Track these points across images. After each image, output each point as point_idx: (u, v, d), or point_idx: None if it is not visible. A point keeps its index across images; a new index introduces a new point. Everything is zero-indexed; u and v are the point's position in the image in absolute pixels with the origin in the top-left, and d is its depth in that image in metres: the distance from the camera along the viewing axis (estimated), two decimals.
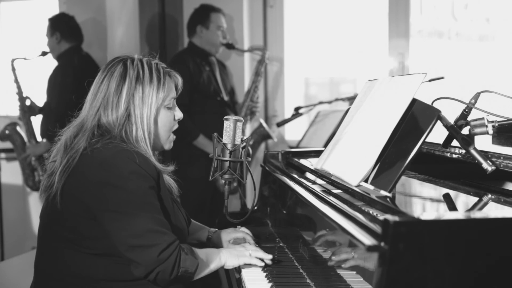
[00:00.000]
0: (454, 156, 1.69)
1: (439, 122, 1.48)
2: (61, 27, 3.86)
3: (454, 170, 1.81)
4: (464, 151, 1.62)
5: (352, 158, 1.61)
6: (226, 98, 3.76)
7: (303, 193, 1.76)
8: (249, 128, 4.01)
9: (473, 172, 1.60)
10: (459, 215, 1.26)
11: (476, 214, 1.26)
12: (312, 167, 2.01)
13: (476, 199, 1.55)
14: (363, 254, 1.24)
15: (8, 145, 4.04)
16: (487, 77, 3.83)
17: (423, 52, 3.92)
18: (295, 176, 2.00)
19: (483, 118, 1.54)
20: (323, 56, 4.26)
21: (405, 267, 1.10)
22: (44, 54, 3.92)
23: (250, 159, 1.86)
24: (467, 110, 1.57)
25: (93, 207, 1.58)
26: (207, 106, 3.66)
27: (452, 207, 1.54)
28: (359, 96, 1.81)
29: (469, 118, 1.57)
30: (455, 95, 1.59)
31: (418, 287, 1.12)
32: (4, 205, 4.25)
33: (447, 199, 1.61)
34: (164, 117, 1.74)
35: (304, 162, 2.20)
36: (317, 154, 2.16)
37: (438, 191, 1.72)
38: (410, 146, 1.45)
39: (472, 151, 1.46)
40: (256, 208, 2.36)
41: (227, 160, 1.78)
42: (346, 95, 3.59)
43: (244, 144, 1.81)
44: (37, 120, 4.00)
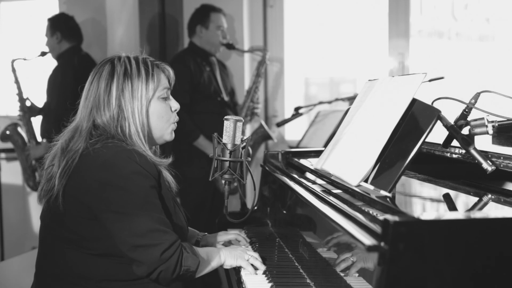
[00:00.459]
0: (454, 156, 1.69)
1: (439, 122, 1.48)
2: (61, 27, 3.85)
3: (454, 170, 1.80)
4: (464, 151, 1.62)
5: (352, 158, 1.61)
6: (226, 98, 3.76)
7: (303, 193, 1.76)
8: (249, 129, 4.01)
9: (473, 172, 1.60)
10: (459, 215, 1.25)
11: (476, 214, 1.26)
12: (312, 167, 2.01)
13: (476, 199, 1.55)
14: (363, 254, 1.24)
15: (9, 145, 4.04)
16: (487, 77, 3.83)
17: (423, 52, 3.92)
18: (295, 176, 2.00)
19: (483, 118, 1.54)
20: (323, 56, 4.26)
21: (405, 267, 1.10)
22: (43, 54, 3.91)
23: (250, 159, 1.86)
24: (467, 110, 1.57)
25: (94, 207, 1.58)
26: (208, 106, 3.65)
27: (452, 207, 1.53)
28: (359, 96, 1.81)
29: (469, 118, 1.56)
30: (455, 95, 1.59)
31: (418, 287, 1.12)
32: (4, 205, 4.25)
33: (447, 199, 1.60)
34: (160, 108, 1.73)
35: (304, 162, 2.20)
36: (317, 154, 2.16)
37: (438, 191, 1.72)
38: (410, 146, 1.45)
39: (472, 151, 1.46)
40: (256, 208, 2.36)
41: (227, 160, 1.78)
42: (346, 95, 3.58)
43: (244, 144, 1.81)
44: (37, 121, 4.00)
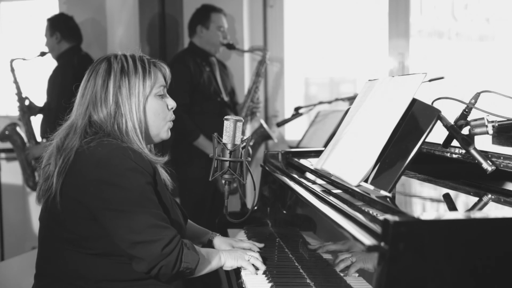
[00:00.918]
0: (454, 156, 1.68)
1: (439, 122, 1.48)
2: (60, 27, 3.85)
3: (454, 170, 1.80)
4: (464, 151, 1.62)
5: (352, 158, 1.61)
6: (226, 98, 3.76)
7: (303, 193, 1.76)
8: (249, 129, 4.01)
9: (473, 172, 1.60)
10: (459, 215, 1.25)
11: (476, 214, 1.26)
12: (312, 167, 2.01)
13: (476, 199, 1.55)
14: (363, 254, 1.24)
15: (8, 145, 4.03)
16: (487, 77, 3.83)
17: (423, 52, 3.92)
18: (295, 176, 2.00)
19: (483, 118, 1.53)
20: (323, 56, 4.26)
21: (405, 267, 1.10)
22: (42, 54, 3.91)
23: (250, 159, 1.86)
24: (467, 110, 1.57)
25: (92, 206, 1.58)
26: (207, 106, 3.65)
27: (452, 207, 1.53)
28: (359, 96, 1.81)
29: (469, 118, 1.56)
30: (455, 95, 1.59)
31: (418, 287, 1.11)
32: (4, 205, 4.24)
33: (447, 199, 1.60)
34: (156, 105, 1.73)
35: (304, 162, 2.19)
36: (317, 154, 2.16)
37: (438, 191, 1.72)
38: (410, 146, 1.45)
39: (472, 151, 1.46)
40: (256, 208, 2.36)
41: (227, 160, 1.78)
42: (346, 95, 3.58)
43: (244, 144, 1.81)
44: (37, 121, 4.00)
